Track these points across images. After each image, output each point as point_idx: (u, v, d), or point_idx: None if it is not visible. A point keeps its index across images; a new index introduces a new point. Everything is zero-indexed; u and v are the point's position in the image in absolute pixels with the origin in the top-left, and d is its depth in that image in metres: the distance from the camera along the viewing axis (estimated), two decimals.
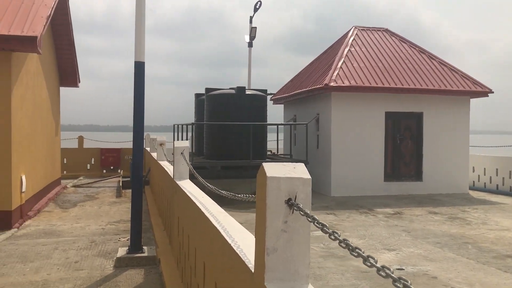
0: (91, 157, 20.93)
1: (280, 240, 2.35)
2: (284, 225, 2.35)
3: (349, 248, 1.91)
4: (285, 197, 2.33)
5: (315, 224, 2.16)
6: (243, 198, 3.47)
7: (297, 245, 2.38)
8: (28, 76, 11.28)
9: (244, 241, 3.25)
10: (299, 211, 2.27)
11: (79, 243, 8.50)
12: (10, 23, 9.39)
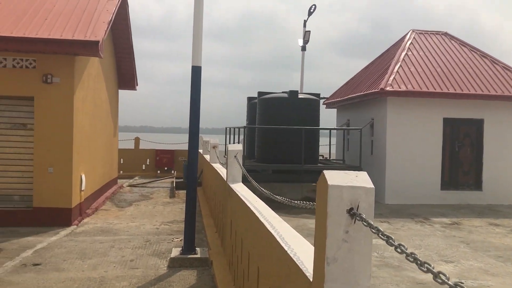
0: (147, 158, 21.51)
1: (340, 250, 2.29)
2: (345, 235, 2.29)
3: (417, 263, 1.82)
4: (347, 206, 2.27)
5: (379, 235, 2.09)
6: (300, 204, 3.42)
7: (358, 255, 2.31)
8: (90, 79, 11.75)
9: (300, 248, 3.20)
10: (362, 221, 2.21)
11: (134, 242, 8.73)
12: (74, 29, 9.82)
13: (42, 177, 9.97)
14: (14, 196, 10.13)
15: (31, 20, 9.96)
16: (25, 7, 10.54)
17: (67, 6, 10.89)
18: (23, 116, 10.15)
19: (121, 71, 16.82)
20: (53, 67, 9.98)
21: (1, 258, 7.43)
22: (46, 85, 9.94)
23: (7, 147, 10.08)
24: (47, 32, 9.52)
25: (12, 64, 9.91)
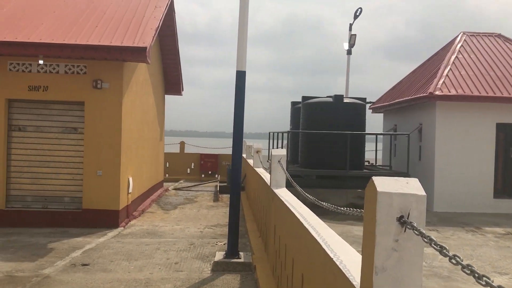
0: (191, 162, 21.82)
1: (390, 259, 2.20)
2: (395, 244, 2.19)
3: (475, 275, 1.72)
4: (397, 214, 2.18)
5: (432, 245, 1.99)
6: (347, 211, 3.33)
7: (408, 265, 2.21)
8: (137, 84, 12.03)
9: (346, 255, 3.11)
10: (413, 230, 2.11)
11: (179, 244, 8.83)
12: (123, 35, 10.09)
13: (91, 180, 10.28)
14: (65, 198, 10.49)
15: (82, 28, 10.31)
16: (76, 15, 10.94)
17: (116, 13, 11.21)
18: (74, 120, 10.51)
19: (168, 76, 17.16)
20: (103, 73, 10.29)
21: (52, 258, 7.69)
22: (96, 90, 10.26)
23: (59, 150, 10.47)
24: (97, 39, 9.82)
25: (64, 70, 10.29)
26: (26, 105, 10.45)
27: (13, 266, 7.12)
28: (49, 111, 10.49)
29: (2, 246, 8.34)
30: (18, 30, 10.03)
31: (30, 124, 10.46)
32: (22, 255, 7.81)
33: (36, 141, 10.46)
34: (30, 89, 10.22)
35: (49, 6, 11.37)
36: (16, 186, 10.42)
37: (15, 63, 10.22)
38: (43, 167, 10.43)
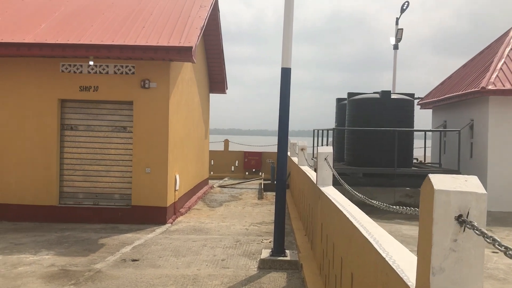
0: (235, 160, 21.97)
1: (448, 260, 2.11)
2: (453, 244, 2.10)
3: None
4: (455, 213, 2.09)
5: (495, 246, 1.89)
6: (400, 210, 3.23)
7: (468, 266, 2.12)
8: (183, 83, 12.22)
9: (399, 255, 3.02)
10: (473, 230, 2.01)
11: (225, 241, 8.90)
12: (169, 35, 10.26)
13: (140, 177, 10.52)
14: (115, 195, 10.79)
15: (130, 29, 10.56)
16: (125, 17, 11.21)
17: (162, 14, 11.42)
18: (124, 119, 10.79)
19: (212, 75, 17.33)
20: (150, 72, 10.51)
21: (104, 253, 7.93)
22: (144, 90, 10.49)
23: (109, 148, 10.78)
24: (144, 40, 10.04)
25: (114, 70, 10.58)
26: (77, 105, 10.82)
27: (67, 261, 7.39)
28: (99, 111, 10.82)
29: (57, 241, 8.68)
30: (69, 32, 10.39)
31: (81, 123, 10.82)
32: (75, 250, 8.09)
33: (87, 139, 10.81)
34: (81, 89, 10.57)
35: (98, 9, 11.72)
36: (68, 183, 10.82)
37: (67, 64, 10.59)
38: (94, 165, 10.78)
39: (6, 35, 10.15)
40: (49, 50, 9.92)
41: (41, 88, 10.56)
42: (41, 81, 10.56)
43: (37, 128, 10.56)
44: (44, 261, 7.33)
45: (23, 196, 10.53)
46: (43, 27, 10.64)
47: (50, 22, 10.91)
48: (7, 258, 7.48)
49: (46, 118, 10.57)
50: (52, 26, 10.71)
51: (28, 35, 10.19)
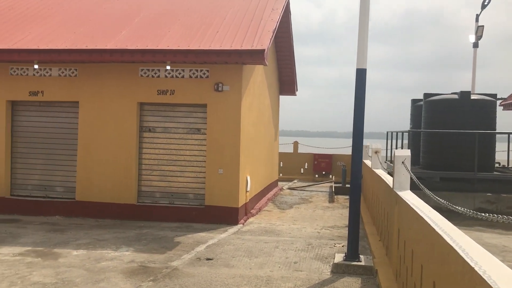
0: (305, 162, 21.87)
1: None
2: None
3: None
4: None
5: None
6: (489, 218, 3.06)
7: None
8: (255, 86, 12.35)
9: (490, 265, 2.86)
10: None
11: (296, 244, 8.88)
12: (242, 39, 10.42)
13: (213, 178, 10.77)
14: (189, 195, 11.12)
15: (205, 34, 10.84)
16: (200, 22, 11.53)
17: (235, 18, 11.62)
18: (198, 121, 11.10)
19: (282, 77, 17.39)
20: (224, 76, 10.73)
21: (179, 251, 8.19)
22: (217, 93, 10.73)
23: (184, 150, 11.13)
24: (218, 44, 10.26)
25: (189, 74, 10.91)
26: (155, 108, 11.27)
27: (146, 257, 7.71)
28: (175, 113, 11.20)
29: (136, 238, 9.08)
30: (148, 38, 10.85)
31: (158, 126, 11.26)
32: (153, 247, 8.43)
33: (164, 141, 11.23)
34: (158, 93, 10.99)
35: (174, 15, 12.14)
36: (146, 183, 11.29)
37: (145, 69, 11.07)
38: (170, 165, 11.17)
39: (90, 42, 10.77)
40: (129, 56, 10.41)
41: (122, 92, 11.11)
42: (122, 85, 11.11)
43: (118, 129, 11.12)
44: (125, 257, 7.69)
45: (104, 194, 11.12)
46: (123, 33, 11.19)
47: (130, 28, 11.45)
48: (91, 253, 7.94)
49: (127, 120, 11.10)
50: (132, 32, 11.23)
51: (110, 42, 10.75)
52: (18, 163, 11.68)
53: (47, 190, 11.58)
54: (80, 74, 11.27)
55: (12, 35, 11.36)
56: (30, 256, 7.66)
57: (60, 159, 11.56)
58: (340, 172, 19.10)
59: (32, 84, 11.37)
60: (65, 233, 9.42)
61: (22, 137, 11.69)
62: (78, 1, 13.56)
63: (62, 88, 11.30)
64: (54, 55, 10.55)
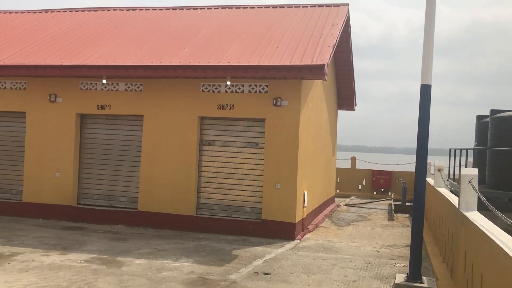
0: (363, 178, 21.46)
1: None
2: None
3: None
4: None
5: None
6: None
7: None
8: (313, 101, 12.33)
9: None
10: None
11: (355, 262, 8.70)
12: (302, 54, 10.46)
13: (270, 192, 10.80)
14: (246, 208, 11.20)
15: (265, 50, 10.99)
16: (259, 38, 11.71)
17: (295, 33, 11.70)
18: (256, 136, 11.21)
19: (341, 91, 17.25)
20: (282, 91, 10.80)
21: (237, 264, 8.25)
22: (276, 107, 10.80)
23: (242, 163, 11.26)
24: (278, 59, 10.36)
25: (248, 89, 11.07)
26: (215, 121, 11.50)
27: (205, 269, 7.83)
28: (234, 127, 11.38)
29: (195, 250, 9.24)
30: (209, 54, 11.14)
31: (217, 139, 11.47)
32: (211, 259, 8.54)
33: (222, 154, 11.42)
34: (219, 107, 11.22)
35: (236, 31, 12.40)
36: (205, 195, 11.50)
37: (206, 84, 11.35)
38: (228, 178, 11.32)
39: (155, 59, 11.20)
40: (191, 71, 10.72)
41: (184, 106, 11.43)
42: (184, 100, 11.44)
43: (179, 142, 11.43)
44: (184, 268, 7.85)
45: (165, 206, 11.42)
46: (186, 50, 11.55)
47: (193, 45, 11.81)
48: (152, 262, 8.16)
49: (187, 133, 11.40)
50: (195, 49, 11.57)
51: (174, 58, 11.13)
52: (85, 173, 12.26)
53: (111, 199, 12.06)
54: (145, 89, 11.72)
55: (82, 52, 12.02)
56: (95, 263, 7.98)
57: (124, 170, 12.02)
58: (400, 189, 18.58)
59: (100, 98, 11.95)
60: (127, 242, 9.75)
61: (89, 149, 12.28)
62: (144, 19, 14.17)
63: (128, 102, 11.80)
64: (122, 70, 11.05)
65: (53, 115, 12.16)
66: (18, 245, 9.06)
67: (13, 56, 12.10)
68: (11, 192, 12.64)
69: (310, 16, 12.79)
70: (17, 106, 12.44)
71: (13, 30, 14.11)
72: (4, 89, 12.56)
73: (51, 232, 10.47)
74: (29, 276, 7.10)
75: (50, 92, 12.18)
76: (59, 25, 14.16)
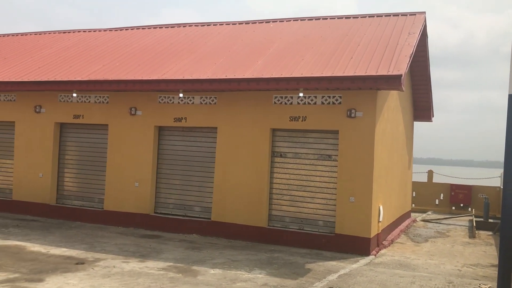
0: (440, 192, 20.46)
1: None
2: None
3: None
4: None
5: None
6: None
7: None
8: (388, 112, 11.99)
9: None
10: None
11: (435, 281, 8.27)
12: (377, 65, 10.22)
13: (344, 206, 10.58)
14: (319, 221, 11.05)
15: (339, 60, 10.85)
16: (333, 49, 11.59)
17: (370, 43, 11.46)
18: (329, 148, 11.06)
19: (417, 102, 16.66)
20: (357, 102, 10.60)
21: (311, 278, 8.12)
22: (350, 119, 10.61)
23: (314, 176, 11.14)
24: (352, 70, 10.19)
25: (321, 101, 10.98)
26: (286, 133, 11.50)
27: (278, 282, 7.78)
28: (306, 139, 11.31)
29: (267, 262, 9.23)
30: (282, 67, 11.17)
31: (289, 151, 11.45)
32: (285, 272, 8.48)
33: (294, 166, 11.37)
34: (291, 119, 11.21)
35: (308, 43, 12.37)
36: (276, 207, 11.48)
37: (279, 96, 11.39)
38: (300, 191, 11.24)
39: (229, 72, 11.43)
40: (264, 84, 10.81)
41: (256, 118, 11.54)
42: (256, 112, 11.55)
43: (251, 154, 11.54)
44: (258, 280, 7.85)
45: (237, 216, 11.54)
46: (259, 63, 11.68)
47: (266, 58, 11.92)
48: (226, 272, 8.24)
49: (259, 145, 11.48)
50: (267, 62, 11.67)
51: (247, 71, 11.29)
52: (162, 183, 12.70)
53: (186, 209, 12.38)
54: (219, 101, 11.98)
55: (160, 67, 12.52)
56: (172, 271, 8.19)
57: (198, 180, 12.31)
58: (481, 205, 17.51)
59: (177, 111, 12.37)
60: (202, 251, 9.94)
61: (166, 159, 12.72)
62: (217, 34, 14.54)
63: (202, 115, 12.11)
64: (197, 84, 11.37)
65: (133, 127, 12.75)
66: (100, 251, 9.52)
67: (97, 72, 12.85)
68: (94, 200, 13.37)
69: (385, 26, 12.50)
70: (100, 119, 13.18)
71: (97, 47, 15.01)
72: (89, 103, 13.36)
73: (130, 239, 10.91)
74: (111, 281, 7.42)
75: (130, 105, 12.80)
76: (139, 41, 14.89)
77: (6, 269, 7.87)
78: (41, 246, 9.77)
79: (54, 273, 7.73)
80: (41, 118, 13.86)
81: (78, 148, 13.74)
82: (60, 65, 13.92)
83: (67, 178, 13.81)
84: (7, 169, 14.49)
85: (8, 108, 14.35)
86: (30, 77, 13.28)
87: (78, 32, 17.06)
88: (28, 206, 13.78)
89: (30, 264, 8.24)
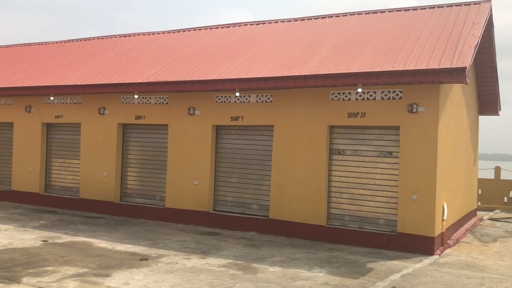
0: (509, 190, 19.39)
1: None
2: None
3: None
4: None
5: None
6: None
7: None
8: (452, 106, 11.50)
9: None
10: None
11: (506, 283, 7.85)
12: (439, 57, 9.82)
13: (406, 204, 10.26)
14: (380, 220, 10.78)
15: (398, 54, 10.52)
16: (392, 42, 11.26)
17: (431, 36, 11.04)
18: (389, 144, 10.76)
19: (482, 95, 15.90)
20: (418, 96, 10.24)
21: (373, 277, 7.94)
22: (411, 114, 10.27)
23: (374, 173, 10.88)
24: (413, 64, 9.84)
25: (381, 96, 10.70)
26: (344, 130, 11.30)
27: (339, 281, 7.66)
28: (365, 136, 11.06)
29: (327, 260, 9.12)
30: (339, 62, 10.98)
31: (348, 148, 11.25)
32: (345, 271, 8.34)
33: (353, 164, 11.16)
34: (349, 115, 11.01)
35: (366, 37, 12.08)
36: (335, 205, 11.32)
37: (336, 92, 11.22)
38: (360, 189, 11.01)
39: (285, 70, 11.38)
40: (321, 80, 10.67)
41: (313, 115, 11.42)
42: (313, 109, 11.43)
43: (308, 152, 11.44)
44: (318, 278, 7.77)
45: (295, 214, 11.48)
46: (315, 59, 11.54)
47: (322, 54, 11.77)
48: (286, 270, 8.22)
49: (317, 143, 11.36)
50: (324, 58, 11.52)
51: (303, 68, 11.19)
52: (220, 181, 12.86)
53: (244, 207, 12.48)
54: (275, 99, 11.97)
55: (217, 67, 12.66)
56: (232, 268, 8.28)
57: (255, 178, 12.37)
58: None
59: (234, 110, 12.48)
60: (261, 249, 9.97)
61: (223, 158, 12.87)
62: (272, 32, 14.52)
63: (259, 113, 12.14)
64: (253, 83, 11.41)
65: (191, 127, 13.00)
66: (163, 248, 9.78)
67: (157, 73, 13.21)
68: (155, 198, 13.76)
69: (447, 17, 11.99)
70: (160, 119, 13.54)
71: (156, 49, 15.43)
72: (149, 104, 13.76)
73: (191, 236, 11.13)
74: (174, 277, 7.60)
75: (189, 105, 13.05)
76: (195, 42, 15.15)
77: (75, 264, 8.26)
78: (107, 242, 10.17)
79: (120, 269, 8.02)
80: (105, 119, 14.43)
81: (140, 148, 14.20)
82: (122, 67, 14.43)
83: (130, 177, 14.31)
84: (74, 169, 15.21)
85: (74, 110, 15.06)
86: (94, 80, 13.85)
87: (138, 36, 17.61)
88: (94, 204, 14.40)
89: (97, 260, 8.60)
